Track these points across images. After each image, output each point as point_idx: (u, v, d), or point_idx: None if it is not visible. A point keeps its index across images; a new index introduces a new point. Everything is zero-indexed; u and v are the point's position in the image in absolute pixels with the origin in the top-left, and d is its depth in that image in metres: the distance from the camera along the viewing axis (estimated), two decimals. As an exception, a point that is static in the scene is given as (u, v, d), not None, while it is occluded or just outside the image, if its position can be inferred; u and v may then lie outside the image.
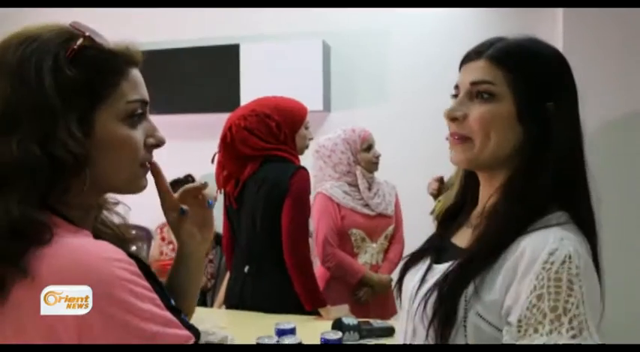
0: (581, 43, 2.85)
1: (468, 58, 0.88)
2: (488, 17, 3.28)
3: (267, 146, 1.98)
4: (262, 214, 1.96)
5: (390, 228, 2.44)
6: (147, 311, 0.61)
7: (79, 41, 0.66)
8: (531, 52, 0.86)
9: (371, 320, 1.75)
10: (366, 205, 2.37)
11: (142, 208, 1.11)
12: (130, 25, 2.89)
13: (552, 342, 0.71)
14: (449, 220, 0.99)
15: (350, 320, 1.68)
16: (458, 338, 0.78)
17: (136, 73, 0.73)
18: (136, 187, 0.75)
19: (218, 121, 2.21)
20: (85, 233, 0.66)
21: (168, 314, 0.64)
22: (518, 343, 0.73)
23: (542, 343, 0.72)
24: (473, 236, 0.86)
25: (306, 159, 2.15)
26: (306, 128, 2.10)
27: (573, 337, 0.70)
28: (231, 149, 2.00)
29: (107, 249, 0.62)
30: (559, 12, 3.04)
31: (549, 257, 0.73)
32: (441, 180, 2.51)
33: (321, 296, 1.92)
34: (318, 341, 1.41)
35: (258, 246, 1.99)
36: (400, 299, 0.95)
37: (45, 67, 0.63)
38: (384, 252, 2.44)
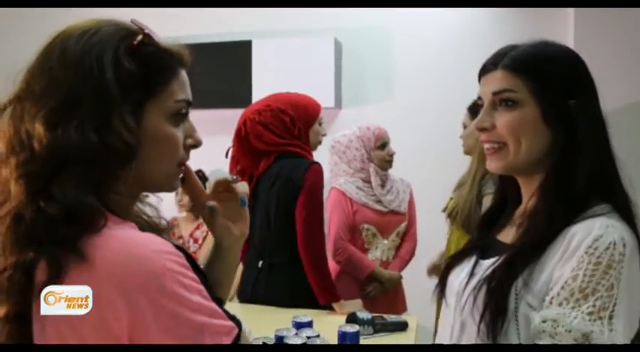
0: (592, 43, 2.83)
1: (485, 70, 0.90)
2: (496, 16, 3.27)
3: (281, 141, 1.99)
4: (276, 210, 1.97)
5: (403, 226, 2.44)
6: (195, 302, 0.62)
7: (139, 37, 0.69)
8: (545, 56, 0.87)
9: (384, 315, 1.76)
10: (379, 201, 2.38)
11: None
12: (142, 21, 2.88)
13: (565, 314, 0.73)
14: (488, 223, 1.00)
15: (364, 314, 1.69)
16: (510, 330, 0.79)
17: (184, 74, 0.75)
18: (170, 186, 0.76)
19: (230, 117, 2.21)
20: (130, 225, 0.67)
21: (214, 305, 0.65)
22: (538, 314, 0.76)
23: (554, 313, 0.74)
24: (517, 234, 0.88)
25: (320, 155, 2.16)
26: (320, 124, 2.12)
27: (590, 314, 0.72)
28: (245, 144, 2.01)
29: (155, 242, 0.63)
30: (570, 12, 3.02)
31: (594, 243, 0.76)
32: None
33: (335, 290, 1.93)
34: (334, 334, 1.42)
35: (271, 241, 2.01)
36: (444, 298, 0.96)
37: (106, 59, 0.65)
38: (396, 249, 2.45)
